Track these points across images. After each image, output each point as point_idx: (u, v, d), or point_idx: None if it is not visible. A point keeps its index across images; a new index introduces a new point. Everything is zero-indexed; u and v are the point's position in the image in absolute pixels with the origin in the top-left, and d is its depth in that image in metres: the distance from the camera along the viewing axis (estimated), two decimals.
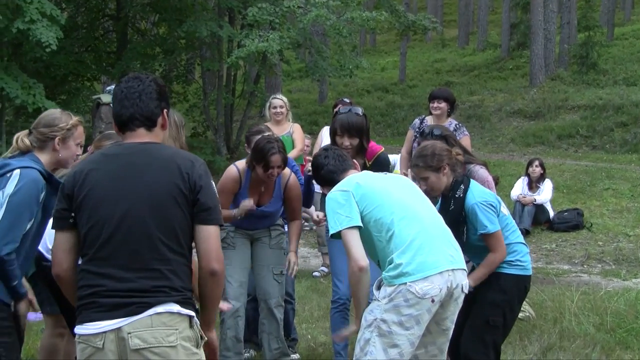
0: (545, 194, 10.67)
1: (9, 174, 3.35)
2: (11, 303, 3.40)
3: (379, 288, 3.54)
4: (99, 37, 19.81)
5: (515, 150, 17.50)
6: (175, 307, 2.67)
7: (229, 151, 17.39)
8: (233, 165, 5.04)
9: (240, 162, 5.04)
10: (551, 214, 10.70)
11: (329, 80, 21.51)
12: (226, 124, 18.02)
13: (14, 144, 3.54)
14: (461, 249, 3.71)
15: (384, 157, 4.90)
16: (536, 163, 10.88)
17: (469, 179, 4.29)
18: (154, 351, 2.62)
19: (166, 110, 2.90)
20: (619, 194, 12.38)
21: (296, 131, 8.03)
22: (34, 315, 5.64)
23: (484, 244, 4.12)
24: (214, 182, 2.88)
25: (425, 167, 4.20)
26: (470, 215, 4.11)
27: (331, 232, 3.63)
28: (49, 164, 3.52)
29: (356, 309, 3.69)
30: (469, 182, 4.23)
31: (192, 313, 2.73)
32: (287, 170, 4.96)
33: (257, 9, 14.90)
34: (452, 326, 3.65)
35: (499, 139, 18.54)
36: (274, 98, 8.11)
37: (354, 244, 3.54)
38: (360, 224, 3.57)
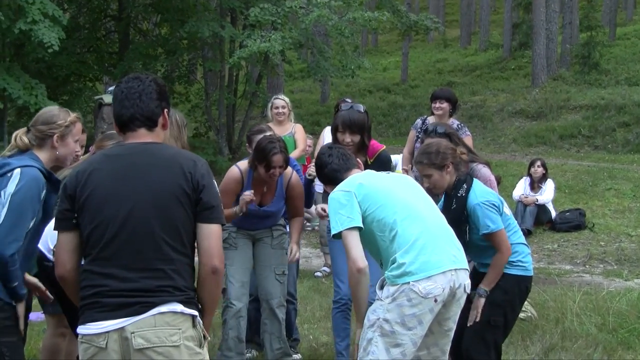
0: (547, 194, 10.66)
1: (9, 174, 3.34)
2: (13, 302, 3.40)
3: (381, 287, 3.54)
4: (101, 38, 19.83)
5: (517, 151, 17.48)
6: (179, 307, 2.67)
7: (231, 151, 17.39)
8: (235, 166, 5.03)
9: (242, 162, 5.03)
10: (553, 214, 10.69)
11: (331, 81, 21.51)
12: (228, 125, 18.03)
13: (12, 142, 3.53)
14: (463, 249, 3.71)
15: (385, 155, 4.89)
16: (538, 163, 10.87)
17: (472, 178, 4.28)
18: (157, 351, 2.62)
19: (167, 110, 2.90)
20: (621, 194, 12.37)
21: (298, 131, 8.03)
22: (35, 315, 5.65)
23: (486, 244, 4.12)
24: (216, 182, 2.88)
25: (429, 165, 4.20)
26: (472, 215, 4.11)
27: (332, 233, 3.63)
28: (48, 161, 3.51)
29: (356, 310, 3.69)
30: (472, 181, 4.22)
31: (196, 313, 2.73)
32: (289, 169, 4.95)
33: (259, 9, 14.90)
34: (454, 327, 3.64)
35: (501, 139, 18.52)
36: (276, 98, 8.11)
37: (354, 245, 3.53)
38: (360, 225, 3.56)
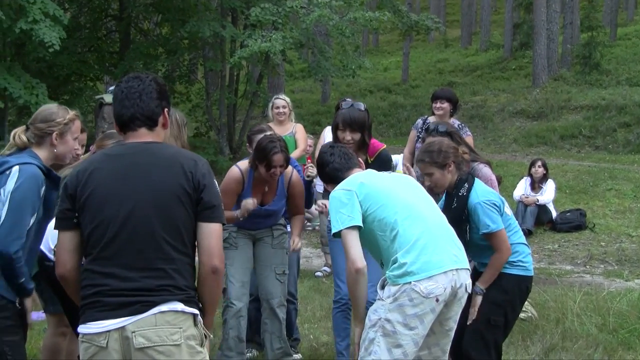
0: (547, 194, 10.66)
1: (8, 172, 3.35)
2: (17, 300, 3.41)
3: (383, 287, 3.54)
4: (101, 37, 19.83)
5: (518, 151, 17.48)
6: (180, 306, 2.67)
7: (232, 151, 17.39)
8: (235, 166, 5.03)
9: (242, 162, 5.03)
10: (554, 214, 10.69)
11: (331, 81, 21.48)
12: (229, 124, 18.03)
13: (11, 140, 3.53)
14: (464, 248, 3.71)
15: (385, 154, 4.88)
16: (539, 163, 10.86)
17: (474, 177, 4.28)
18: (158, 350, 2.63)
19: (167, 109, 2.90)
20: (622, 195, 12.37)
21: (299, 131, 8.03)
22: (36, 315, 5.65)
23: (486, 243, 4.12)
24: (216, 182, 2.88)
25: (430, 163, 4.20)
26: (473, 214, 4.11)
27: (333, 231, 3.63)
28: (47, 159, 3.51)
29: (354, 309, 3.70)
30: (473, 181, 4.22)
31: (196, 312, 2.73)
32: (290, 167, 4.95)
33: (260, 9, 14.89)
34: (455, 326, 3.64)
35: (502, 139, 18.52)
36: (277, 98, 8.10)
37: (353, 244, 3.53)
38: (360, 224, 3.55)
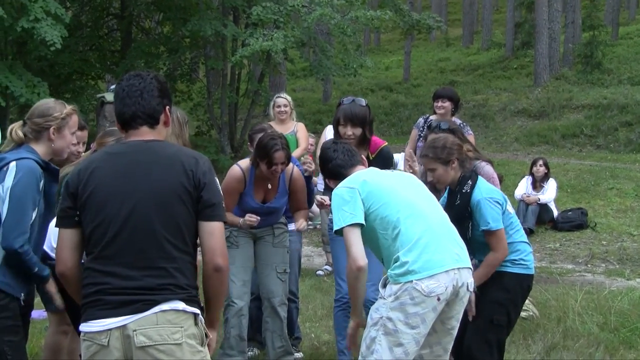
0: (549, 193, 10.65)
1: (5, 168, 3.35)
2: (21, 296, 3.42)
3: (384, 286, 3.54)
4: (103, 36, 19.86)
5: (520, 150, 17.46)
6: (181, 305, 2.67)
7: (233, 150, 17.39)
8: (236, 165, 5.02)
9: (243, 161, 5.02)
10: (555, 213, 10.69)
11: (333, 79, 21.46)
12: (230, 123, 18.04)
13: (8, 136, 3.52)
14: (465, 245, 3.70)
15: (386, 151, 4.88)
16: (540, 162, 10.86)
17: (477, 174, 4.27)
18: (159, 349, 2.63)
19: (168, 106, 2.90)
20: (623, 194, 12.36)
21: (300, 130, 8.02)
22: (38, 313, 5.65)
23: None
24: (218, 180, 2.88)
25: (434, 159, 4.20)
26: (475, 211, 4.10)
27: (335, 229, 3.63)
28: (45, 154, 3.50)
29: (353, 305, 3.70)
30: (477, 178, 4.21)
31: (198, 311, 2.73)
32: (290, 164, 4.95)
33: (262, 7, 14.90)
34: (457, 325, 3.64)
35: (503, 138, 18.50)
36: (278, 97, 8.10)
37: (355, 242, 3.53)
38: (362, 222, 3.55)
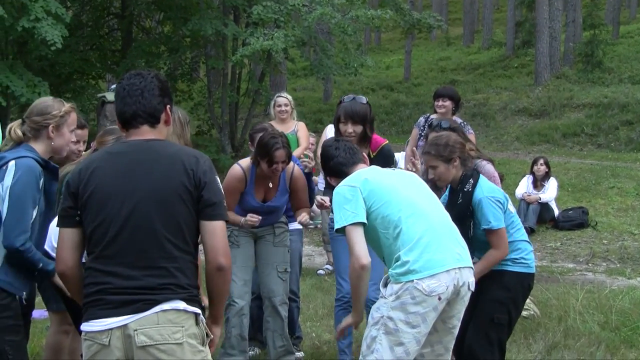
0: (550, 192, 10.65)
1: (4, 167, 3.35)
2: (22, 295, 3.42)
3: (385, 285, 3.53)
4: (103, 36, 19.85)
5: (520, 149, 17.46)
6: (182, 305, 2.68)
7: (234, 149, 17.39)
8: (236, 165, 5.02)
9: (244, 160, 5.02)
10: (556, 212, 10.69)
11: (333, 79, 21.46)
12: (231, 122, 18.03)
13: (7, 135, 3.51)
14: (467, 244, 3.70)
15: (387, 149, 4.88)
16: (541, 161, 10.86)
17: (479, 173, 4.28)
18: (160, 348, 2.63)
19: (169, 106, 2.89)
20: (624, 193, 12.36)
21: (301, 129, 8.02)
22: (39, 313, 5.66)
23: None
24: (219, 180, 2.88)
25: (436, 156, 4.20)
26: (477, 209, 4.10)
27: (336, 227, 3.62)
28: (44, 152, 3.50)
29: (354, 305, 3.70)
30: (479, 177, 4.22)
31: (198, 310, 2.74)
32: (291, 163, 4.95)
33: (262, 7, 14.89)
34: (458, 324, 3.64)
35: (504, 137, 18.50)
36: (279, 96, 8.10)
37: (357, 240, 3.52)
38: (364, 221, 3.55)
